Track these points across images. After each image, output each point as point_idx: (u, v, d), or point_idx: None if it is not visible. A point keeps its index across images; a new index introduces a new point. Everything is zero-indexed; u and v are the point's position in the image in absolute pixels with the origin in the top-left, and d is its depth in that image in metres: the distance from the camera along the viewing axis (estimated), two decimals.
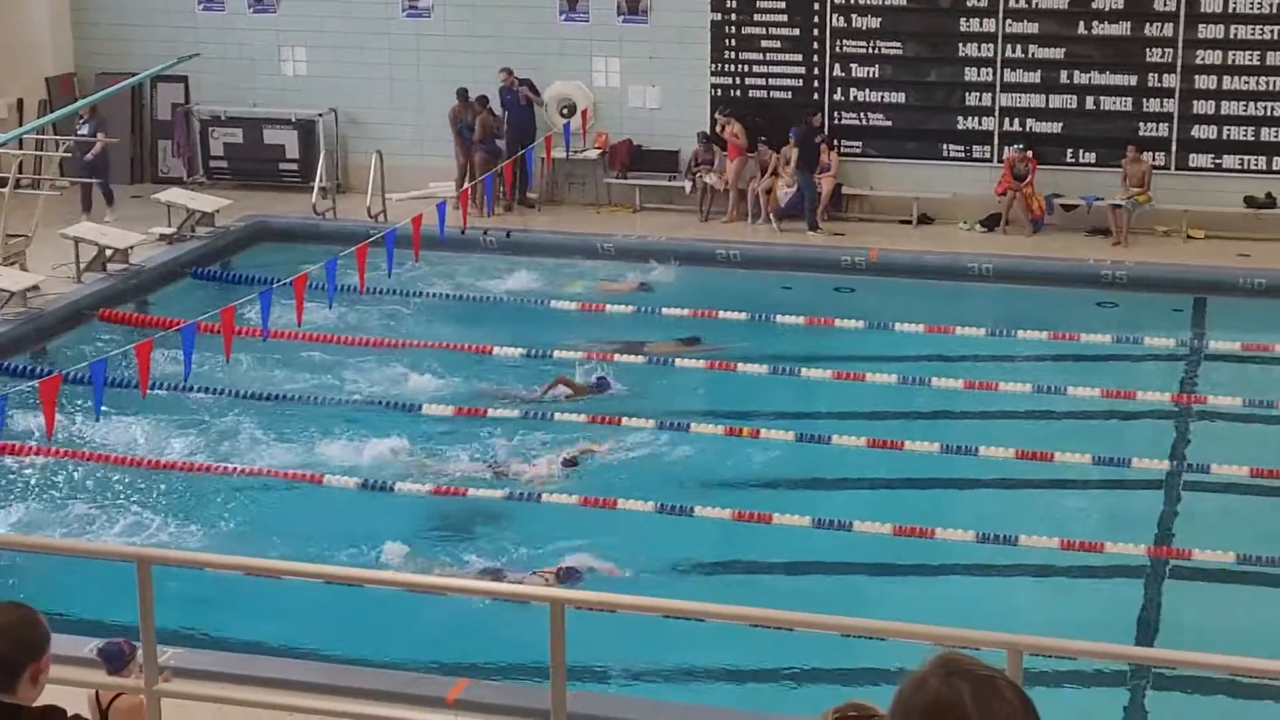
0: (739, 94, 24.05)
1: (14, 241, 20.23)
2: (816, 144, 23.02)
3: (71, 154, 23.41)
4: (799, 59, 23.82)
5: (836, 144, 23.55)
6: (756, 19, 23.85)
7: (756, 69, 23.99)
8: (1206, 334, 19.06)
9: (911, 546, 13.80)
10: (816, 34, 23.66)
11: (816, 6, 23.52)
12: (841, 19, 23.48)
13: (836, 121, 23.76)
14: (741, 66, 24.04)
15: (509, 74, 23.87)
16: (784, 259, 21.81)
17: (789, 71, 23.89)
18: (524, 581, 12.60)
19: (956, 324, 18.97)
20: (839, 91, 23.75)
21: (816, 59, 23.74)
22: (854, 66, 23.63)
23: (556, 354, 18.13)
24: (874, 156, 23.57)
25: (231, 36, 25.47)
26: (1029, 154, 22.75)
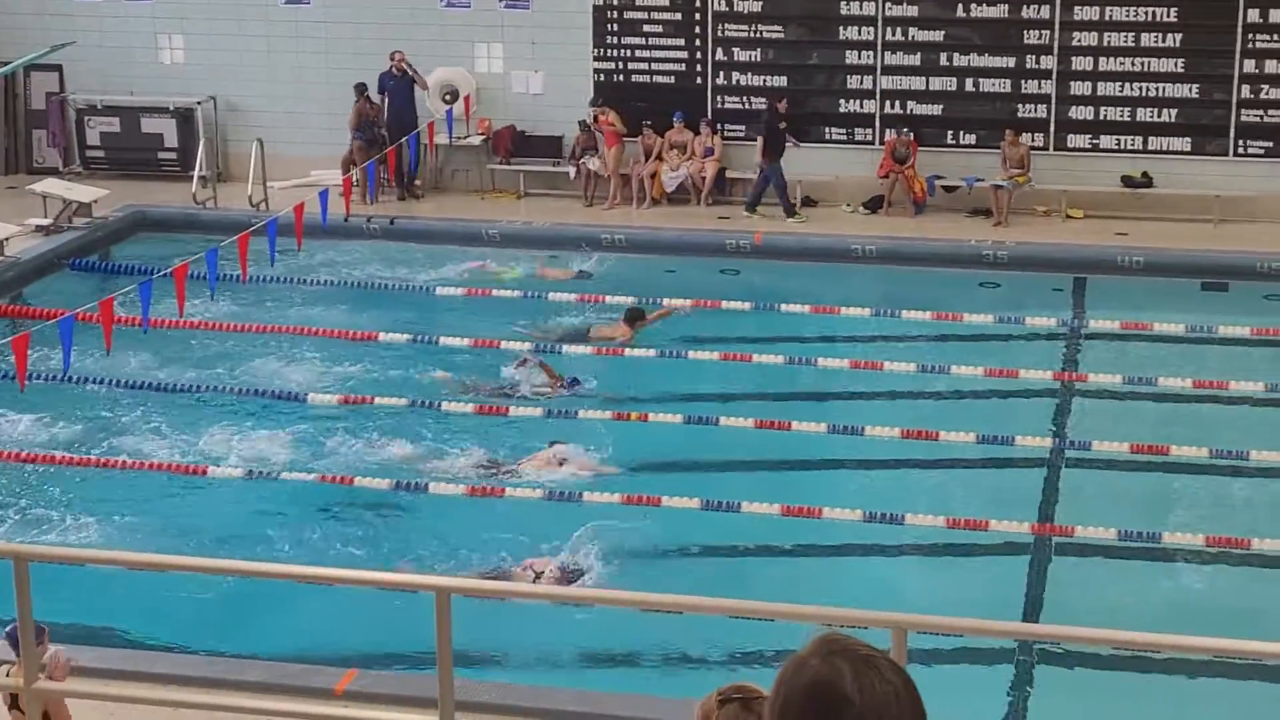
0: (621, 79, 24.04)
1: None
2: (782, 130, 22.98)
3: None
4: (681, 43, 23.84)
5: (720, 128, 23.62)
6: (638, 4, 23.82)
7: (639, 54, 23.97)
8: (1086, 312, 19.30)
9: (799, 527, 13.90)
10: (698, 18, 23.68)
11: None
12: (723, 3, 23.52)
13: (719, 106, 23.82)
14: (624, 51, 24.01)
15: (400, 56, 23.57)
16: (669, 244, 21.82)
17: (671, 56, 23.91)
18: (512, 575, 12.52)
19: (841, 305, 19.07)
20: (721, 75, 23.80)
21: (699, 43, 23.78)
22: (736, 50, 23.69)
23: (441, 339, 18.08)
24: (756, 140, 23.62)
25: (108, 24, 25.07)
26: (910, 136, 22.93)
